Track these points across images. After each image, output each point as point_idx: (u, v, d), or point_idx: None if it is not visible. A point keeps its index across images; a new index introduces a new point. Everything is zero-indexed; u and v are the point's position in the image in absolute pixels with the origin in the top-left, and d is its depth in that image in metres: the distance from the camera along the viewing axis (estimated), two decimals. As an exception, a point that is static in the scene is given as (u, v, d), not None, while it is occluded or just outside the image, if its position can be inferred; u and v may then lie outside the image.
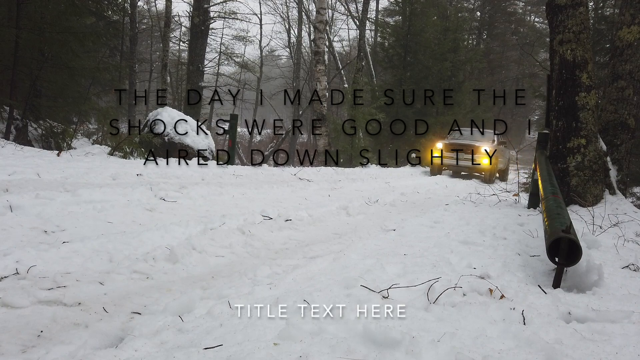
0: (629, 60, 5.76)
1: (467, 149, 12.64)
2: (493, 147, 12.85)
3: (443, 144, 13.25)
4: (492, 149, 12.64)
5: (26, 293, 2.08)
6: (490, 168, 12.57)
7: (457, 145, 12.92)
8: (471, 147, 12.72)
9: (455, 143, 13.13)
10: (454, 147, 12.85)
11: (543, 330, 1.89)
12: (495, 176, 13.40)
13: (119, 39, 17.47)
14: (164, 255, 2.81)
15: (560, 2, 5.50)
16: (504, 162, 14.87)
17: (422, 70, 18.42)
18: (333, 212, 4.76)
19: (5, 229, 2.96)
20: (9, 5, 8.41)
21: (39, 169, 4.95)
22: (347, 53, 30.80)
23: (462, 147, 12.80)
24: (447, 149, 12.96)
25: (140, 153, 8.40)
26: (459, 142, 13.20)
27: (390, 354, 1.67)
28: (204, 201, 4.67)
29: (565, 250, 2.51)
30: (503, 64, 33.45)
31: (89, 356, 1.62)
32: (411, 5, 18.56)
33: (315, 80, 13.90)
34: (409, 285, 2.43)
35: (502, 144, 14.29)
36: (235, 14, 21.56)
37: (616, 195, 5.56)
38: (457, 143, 13.12)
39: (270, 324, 1.89)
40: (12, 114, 8.13)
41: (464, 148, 12.70)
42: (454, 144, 13.03)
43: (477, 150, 12.60)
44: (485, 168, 12.59)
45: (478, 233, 3.98)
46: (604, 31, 11.55)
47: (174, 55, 25.08)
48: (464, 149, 12.69)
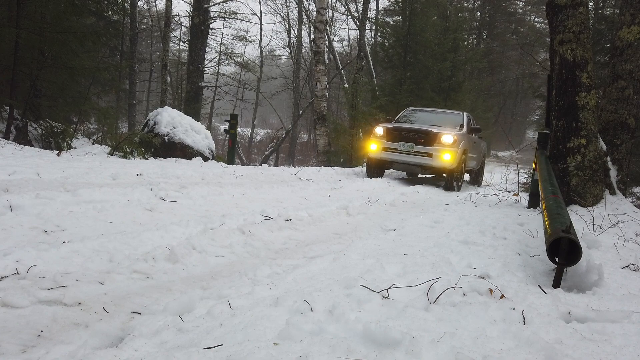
0: (629, 60, 5.76)
1: (421, 138, 8.70)
2: (460, 135, 8.86)
3: (384, 128, 9.11)
4: (458, 137, 8.66)
5: (26, 293, 2.08)
6: (453, 167, 8.60)
7: (405, 132, 8.91)
8: (427, 134, 8.69)
9: (403, 128, 9.08)
10: (401, 134, 8.87)
11: (543, 330, 1.89)
12: (462, 180, 9.28)
13: (119, 39, 17.46)
14: (164, 255, 2.81)
15: (560, 2, 5.51)
16: (477, 158, 10.76)
17: (422, 70, 18.41)
18: (333, 212, 4.76)
19: (6, 229, 2.96)
20: (9, 5, 8.41)
21: (39, 169, 4.96)
22: (347, 53, 30.79)
23: (412, 134, 8.82)
24: (391, 137, 8.93)
25: (140, 153, 8.40)
26: (407, 127, 9.14)
27: (390, 354, 1.67)
28: (204, 201, 4.67)
29: (565, 250, 2.51)
30: (503, 64, 33.49)
31: (89, 356, 1.62)
32: (411, 5, 18.56)
33: (315, 80, 13.90)
34: (409, 285, 2.43)
35: (475, 133, 10.26)
36: (235, 14, 21.57)
37: (616, 195, 5.57)
38: (406, 128, 9.08)
39: (270, 324, 1.88)
40: (12, 113, 8.14)
41: (415, 135, 8.76)
42: (401, 130, 8.98)
43: (434, 139, 8.59)
44: (445, 167, 8.61)
45: (478, 233, 3.98)
46: (604, 31, 11.55)
47: (174, 55, 25.07)
48: (415, 136, 8.75)
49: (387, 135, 9.02)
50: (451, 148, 8.51)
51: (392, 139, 8.93)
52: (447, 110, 11.30)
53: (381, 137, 9.09)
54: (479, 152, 11.01)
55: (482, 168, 11.83)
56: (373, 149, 9.13)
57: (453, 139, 8.55)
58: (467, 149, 9.20)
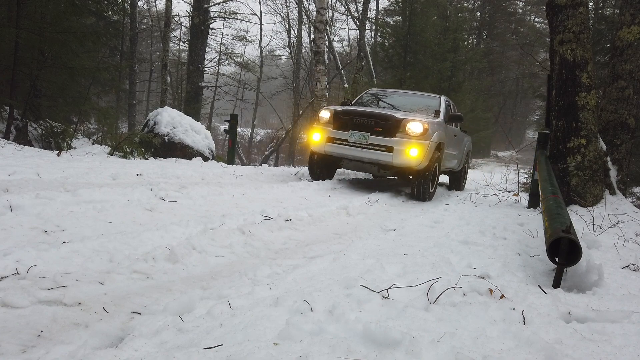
0: (629, 60, 5.76)
1: (379, 125, 6.30)
2: (433, 124, 6.48)
3: (331, 112, 6.73)
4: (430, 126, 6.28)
5: (26, 293, 2.08)
6: (423, 167, 6.27)
7: (358, 117, 6.45)
8: (386, 120, 6.30)
9: (355, 112, 6.58)
10: (352, 120, 6.44)
11: (543, 330, 1.89)
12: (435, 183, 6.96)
13: (119, 39, 17.48)
14: (164, 255, 2.81)
15: (560, 2, 5.51)
16: (459, 157, 8.42)
17: (422, 70, 18.42)
18: (333, 212, 4.76)
19: (6, 229, 2.96)
20: (9, 5, 8.42)
21: (39, 169, 4.96)
22: (347, 53, 30.79)
23: (368, 120, 6.39)
24: (340, 124, 6.53)
25: (140, 153, 8.41)
26: (361, 111, 6.62)
27: (390, 354, 1.67)
28: (204, 201, 4.66)
29: (565, 250, 2.51)
30: (503, 64, 33.51)
31: (89, 356, 1.62)
32: (411, 5, 18.56)
33: (315, 80, 13.90)
34: (409, 285, 2.43)
35: (455, 123, 7.87)
36: (235, 14, 21.58)
37: (616, 195, 5.57)
38: (359, 112, 6.57)
39: (270, 324, 1.88)
40: (12, 114, 8.14)
41: (371, 122, 6.35)
42: (353, 114, 6.50)
43: (396, 128, 6.24)
44: (412, 166, 6.24)
45: (478, 233, 3.99)
46: (604, 31, 11.55)
47: (174, 55, 25.10)
48: (371, 123, 6.34)
49: (334, 122, 6.59)
50: (420, 140, 6.15)
51: (341, 126, 6.50)
52: (421, 93, 8.81)
53: (326, 124, 6.71)
54: (461, 149, 8.68)
55: (466, 169, 9.48)
56: (315, 140, 6.75)
57: (422, 127, 6.19)
58: (444, 142, 6.88)
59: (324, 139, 6.69)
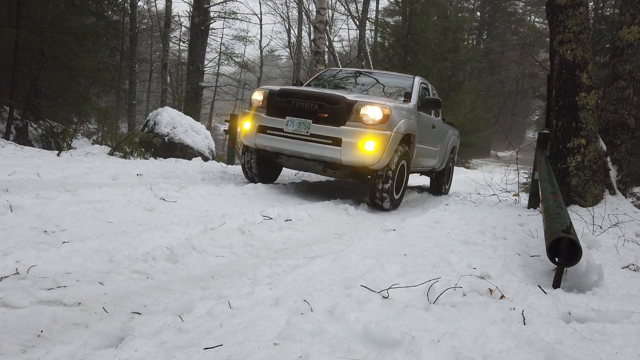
0: (629, 60, 5.76)
1: (323, 110, 4.94)
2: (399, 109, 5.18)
3: (264, 93, 5.33)
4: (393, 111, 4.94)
5: (26, 293, 2.08)
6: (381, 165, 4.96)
7: (297, 99, 5.06)
8: (334, 103, 4.92)
9: (293, 92, 5.18)
10: (290, 104, 5.09)
11: (543, 330, 1.89)
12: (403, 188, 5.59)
13: (119, 39, 17.47)
14: (164, 255, 2.81)
15: (560, 2, 5.51)
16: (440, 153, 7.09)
17: (422, 70, 18.42)
18: (333, 212, 4.76)
19: (5, 229, 2.96)
20: (9, 5, 8.42)
21: (39, 169, 4.96)
22: (347, 53, 30.80)
23: (309, 103, 5.00)
24: (275, 109, 5.19)
25: (141, 153, 8.41)
26: (302, 92, 5.21)
27: (390, 354, 1.66)
28: (204, 201, 4.66)
29: (565, 250, 2.51)
30: (503, 64, 33.53)
31: (89, 356, 1.62)
32: (411, 5, 18.57)
33: (315, 80, 13.89)
34: (409, 285, 2.43)
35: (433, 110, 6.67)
36: (235, 14, 21.58)
37: (616, 195, 5.57)
38: (298, 92, 5.17)
39: (270, 324, 1.88)
40: (12, 114, 8.14)
41: (314, 106, 4.97)
42: (291, 95, 5.12)
43: (346, 113, 4.89)
44: (366, 163, 4.91)
45: (478, 233, 3.98)
46: (604, 31, 11.55)
47: (174, 55, 25.11)
48: (314, 108, 4.97)
49: (269, 106, 5.20)
50: (378, 130, 4.81)
51: (276, 112, 5.12)
52: (391, 73, 7.39)
53: (259, 109, 5.31)
54: (444, 144, 7.19)
55: (451, 169, 7.99)
56: (245, 129, 5.40)
57: (382, 113, 4.81)
58: (414, 134, 5.51)
59: (253, 127, 5.27)
